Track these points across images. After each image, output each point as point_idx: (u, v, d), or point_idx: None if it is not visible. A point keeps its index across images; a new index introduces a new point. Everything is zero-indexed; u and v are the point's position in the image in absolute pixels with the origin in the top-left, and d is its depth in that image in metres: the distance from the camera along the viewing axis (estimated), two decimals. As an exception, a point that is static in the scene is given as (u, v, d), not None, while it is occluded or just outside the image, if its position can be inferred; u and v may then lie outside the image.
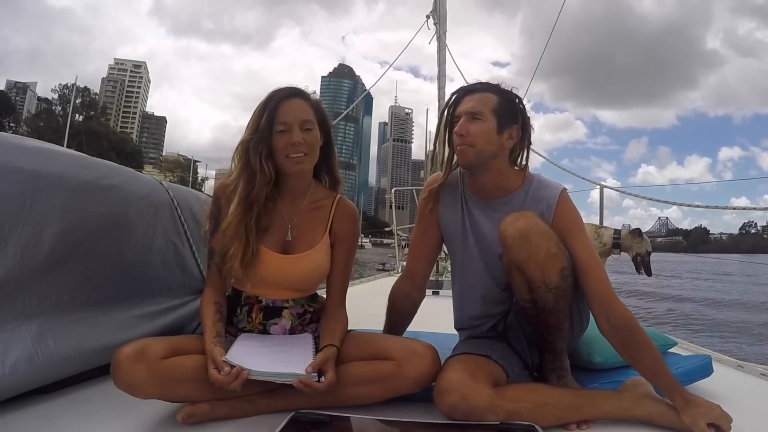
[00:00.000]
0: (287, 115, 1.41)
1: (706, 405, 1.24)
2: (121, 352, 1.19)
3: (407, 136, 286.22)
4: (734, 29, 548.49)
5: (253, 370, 1.22)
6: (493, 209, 1.53)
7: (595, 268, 1.41)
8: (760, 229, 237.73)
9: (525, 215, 1.38)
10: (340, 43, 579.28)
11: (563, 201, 1.50)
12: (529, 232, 1.33)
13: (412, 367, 1.34)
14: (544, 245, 1.33)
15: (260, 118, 1.41)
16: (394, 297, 1.68)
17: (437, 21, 6.47)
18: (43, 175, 1.45)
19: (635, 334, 1.33)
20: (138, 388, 1.19)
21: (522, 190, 1.54)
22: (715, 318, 12.96)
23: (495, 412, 1.25)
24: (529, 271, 1.35)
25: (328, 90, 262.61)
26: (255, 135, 1.41)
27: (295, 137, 1.41)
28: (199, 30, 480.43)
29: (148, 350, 1.21)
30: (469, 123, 1.47)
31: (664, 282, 21.51)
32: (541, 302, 1.38)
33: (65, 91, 64.21)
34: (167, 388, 1.23)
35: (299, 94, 1.46)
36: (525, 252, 1.33)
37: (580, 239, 1.45)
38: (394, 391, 1.36)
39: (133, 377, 1.18)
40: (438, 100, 6.45)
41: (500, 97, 1.50)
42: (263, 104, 1.43)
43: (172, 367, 1.23)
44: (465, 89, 1.54)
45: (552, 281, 1.34)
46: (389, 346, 1.40)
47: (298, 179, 1.51)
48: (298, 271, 1.49)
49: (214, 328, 1.37)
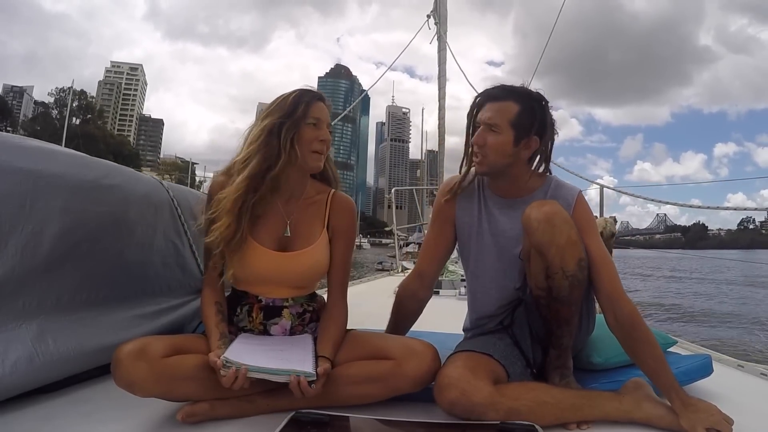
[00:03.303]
0: (320, 113, 1.46)
1: (706, 409, 1.25)
2: (122, 350, 1.19)
3: (405, 136, 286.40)
4: (726, 26, 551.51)
5: (251, 366, 1.23)
6: (513, 208, 1.55)
7: (608, 265, 1.44)
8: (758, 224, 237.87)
9: (550, 202, 1.41)
10: (335, 44, 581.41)
11: (580, 201, 1.54)
12: (554, 217, 1.36)
13: (412, 366, 1.34)
14: (567, 231, 1.36)
15: (294, 107, 1.43)
16: (401, 295, 1.70)
17: (438, 21, 6.44)
18: (43, 175, 1.45)
19: (638, 331, 1.34)
20: (138, 386, 1.19)
21: (541, 190, 1.57)
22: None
23: (495, 409, 1.25)
24: (549, 255, 1.36)
25: (325, 90, 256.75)
26: (287, 120, 1.42)
27: (324, 134, 1.46)
28: (194, 34, 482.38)
29: (149, 348, 1.21)
30: (486, 134, 1.50)
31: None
32: (555, 290, 1.39)
33: (62, 94, 64.11)
34: (168, 387, 1.23)
35: (325, 99, 1.51)
36: (548, 236, 1.35)
37: (595, 237, 1.49)
38: (393, 390, 1.36)
39: (133, 375, 1.17)
40: (438, 99, 6.42)
41: (521, 106, 1.50)
42: (297, 96, 1.45)
43: (173, 366, 1.23)
44: (488, 95, 1.55)
45: (570, 269, 1.36)
46: (388, 345, 1.40)
47: (301, 176, 1.52)
48: (298, 268, 1.49)
49: (217, 330, 1.37)
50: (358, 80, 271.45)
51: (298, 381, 1.23)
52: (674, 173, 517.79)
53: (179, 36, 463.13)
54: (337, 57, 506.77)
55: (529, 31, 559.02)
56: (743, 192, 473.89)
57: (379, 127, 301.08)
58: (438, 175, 7.86)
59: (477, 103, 1.56)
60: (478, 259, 1.62)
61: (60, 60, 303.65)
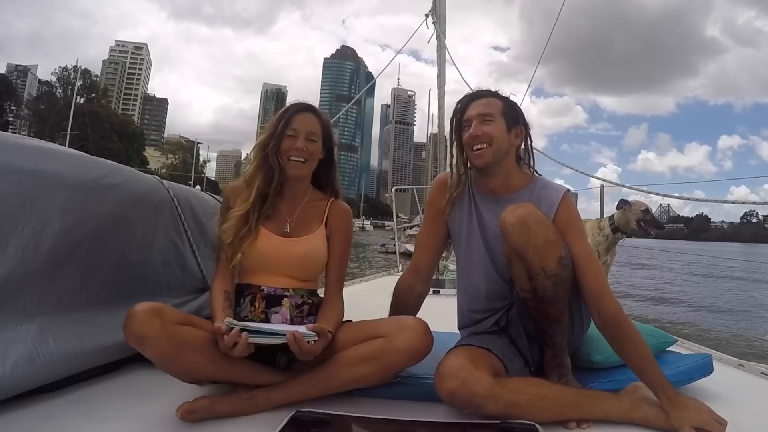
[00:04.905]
0: (297, 124, 1.58)
1: (695, 407, 1.26)
2: (137, 307, 1.23)
3: (409, 119, 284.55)
4: (733, 18, 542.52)
5: (251, 326, 1.28)
6: (499, 205, 1.55)
7: (592, 265, 1.46)
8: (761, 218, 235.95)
9: (524, 205, 1.42)
10: (340, 26, 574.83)
11: (565, 201, 1.55)
12: (528, 219, 1.37)
13: (403, 339, 1.36)
14: (542, 232, 1.37)
15: (278, 122, 1.59)
16: (399, 289, 1.72)
17: (436, 20, 6.35)
18: (44, 175, 1.45)
19: (623, 329, 1.37)
20: (150, 341, 1.21)
21: (527, 189, 1.59)
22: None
23: (494, 401, 1.26)
24: (528, 257, 1.37)
25: (331, 72, 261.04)
26: (272, 136, 1.58)
27: (299, 143, 1.56)
28: (199, 14, 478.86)
29: (165, 310, 1.27)
30: (482, 125, 1.55)
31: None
32: (540, 291, 1.40)
33: (65, 73, 63.73)
34: (177, 350, 1.26)
35: (312, 110, 1.65)
36: (524, 238, 1.37)
37: (579, 237, 1.51)
38: (388, 367, 1.38)
39: (147, 330, 1.20)
40: (438, 99, 6.36)
41: (502, 101, 1.61)
42: (282, 112, 1.62)
43: (184, 333, 1.27)
44: (470, 97, 1.62)
45: (550, 268, 1.37)
46: (380, 325, 1.44)
47: (297, 183, 1.64)
48: (295, 251, 1.56)
49: (223, 313, 1.41)
50: (364, 62, 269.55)
51: (294, 336, 1.27)
52: (678, 164, 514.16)
53: (184, 16, 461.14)
54: (343, 39, 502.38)
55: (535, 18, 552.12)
56: (747, 186, 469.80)
57: (384, 110, 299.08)
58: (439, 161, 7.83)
59: (461, 106, 1.62)
60: (468, 253, 1.64)
61: (65, 40, 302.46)
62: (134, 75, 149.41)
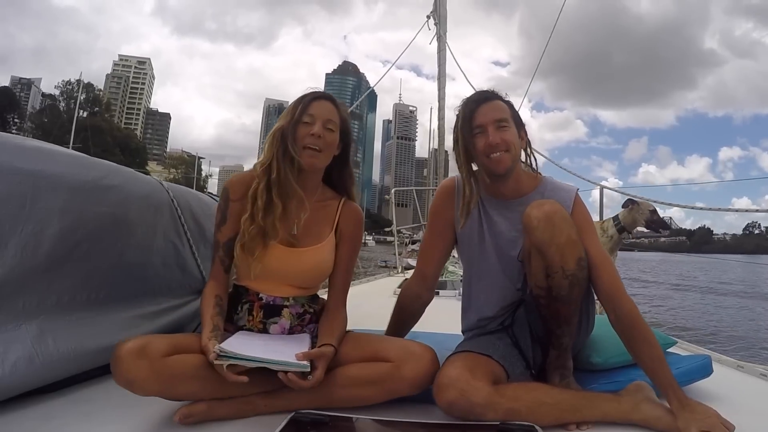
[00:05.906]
0: (315, 110, 1.49)
1: (703, 411, 1.24)
2: (122, 348, 1.18)
3: (411, 134, 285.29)
4: (731, 30, 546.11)
5: (244, 356, 1.22)
6: (510, 209, 1.57)
7: (607, 265, 1.46)
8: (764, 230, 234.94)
9: (551, 202, 1.42)
10: (342, 42, 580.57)
11: (578, 202, 1.57)
12: (554, 216, 1.37)
13: (410, 368, 1.34)
14: (566, 230, 1.37)
15: (294, 109, 1.50)
16: (404, 297, 1.71)
17: (437, 21, 6.45)
18: (43, 176, 1.45)
19: (638, 330, 1.35)
20: (138, 384, 1.18)
21: (537, 191, 1.59)
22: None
23: (494, 410, 1.25)
24: (549, 254, 1.37)
25: (332, 87, 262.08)
26: (289, 123, 1.48)
27: (316, 129, 1.46)
28: (202, 30, 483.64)
29: (150, 347, 1.20)
30: (499, 132, 1.51)
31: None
32: (555, 289, 1.40)
33: (68, 87, 64.19)
34: (168, 386, 1.23)
35: (332, 99, 1.55)
36: (548, 234, 1.36)
37: (593, 238, 1.51)
38: (391, 393, 1.36)
39: (134, 374, 1.17)
40: (438, 100, 6.41)
41: (506, 104, 1.58)
42: (298, 99, 1.52)
43: (173, 365, 1.23)
44: (477, 100, 1.56)
45: (570, 267, 1.37)
46: (387, 347, 1.41)
47: (308, 178, 1.54)
48: (302, 265, 1.50)
49: (211, 322, 1.37)
50: (366, 77, 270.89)
51: (287, 376, 1.24)
52: (679, 176, 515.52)
53: (187, 32, 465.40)
54: (344, 55, 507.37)
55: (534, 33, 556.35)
56: (748, 196, 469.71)
57: (385, 125, 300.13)
58: (440, 176, 7.89)
59: (469, 111, 1.55)
60: (481, 260, 1.62)
61: (68, 53, 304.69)
62: (137, 89, 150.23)
